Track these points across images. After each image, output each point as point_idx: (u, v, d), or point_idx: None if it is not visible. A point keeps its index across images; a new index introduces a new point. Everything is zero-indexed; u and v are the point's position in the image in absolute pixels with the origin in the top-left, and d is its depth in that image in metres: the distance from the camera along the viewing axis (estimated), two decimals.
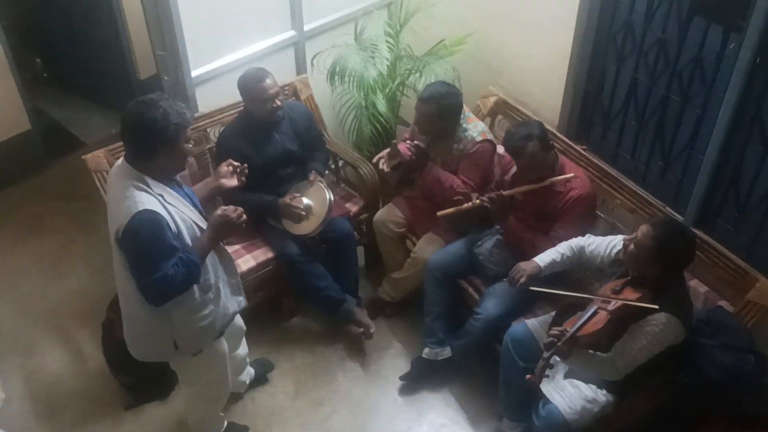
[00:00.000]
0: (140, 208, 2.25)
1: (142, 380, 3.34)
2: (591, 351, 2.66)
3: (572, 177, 3.04)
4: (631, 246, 2.62)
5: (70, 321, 3.77)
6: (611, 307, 2.60)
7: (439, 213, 3.19)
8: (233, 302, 2.69)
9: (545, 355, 2.58)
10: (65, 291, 3.94)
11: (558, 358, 2.62)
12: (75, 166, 3.39)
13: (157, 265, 2.26)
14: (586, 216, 3.13)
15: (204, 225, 2.47)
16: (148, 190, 2.30)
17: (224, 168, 2.71)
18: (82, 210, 4.32)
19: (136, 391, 3.38)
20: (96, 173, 3.31)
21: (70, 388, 3.46)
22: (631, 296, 2.62)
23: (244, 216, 2.46)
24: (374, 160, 3.46)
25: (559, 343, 2.54)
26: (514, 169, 3.21)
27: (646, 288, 2.62)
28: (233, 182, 2.71)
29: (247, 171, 2.75)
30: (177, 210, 2.36)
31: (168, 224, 2.29)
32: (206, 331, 2.58)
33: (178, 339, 2.54)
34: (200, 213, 2.53)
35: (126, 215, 2.25)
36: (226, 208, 2.43)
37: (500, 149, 3.63)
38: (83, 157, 3.31)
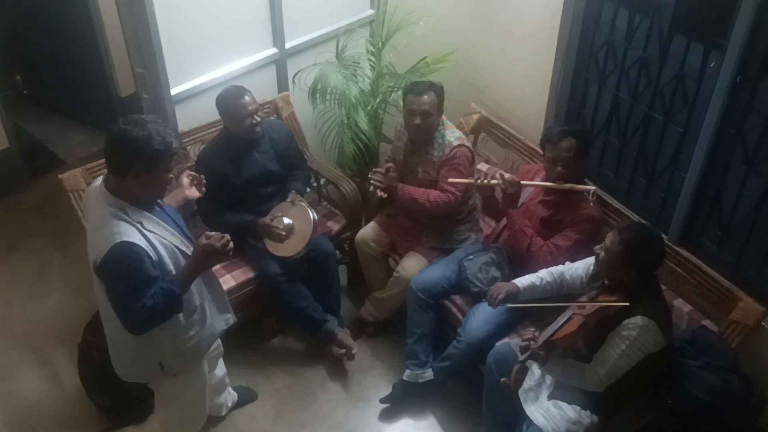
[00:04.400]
0: (117, 240, 2.20)
1: (118, 403, 3.28)
2: (571, 360, 2.66)
3: (593, 189, 3.01)
4: (602, 254, 2.63)
5: (47, 342, 3.70)
6: (587, 311, 2.59)
7: (450, 179, 3.20)
8: (220, 320, 2.66)
9: (520, 358, 2.60)
10: (43, 311, 3.88)
11: (534, 363, 2.64)
12: (54, 185, 3.35)
13: (136, 296, 2.22)
14: (588, 236, 3.07)
15: (187, 249, 2.40)
16: (126, 218, 2.25)
17: (184, 179, 2.71)
18: (61, 229, 4.27)
19: (113, 415, 3.32)
20: (72, 193, 3.27)
21: (46, 412, 3.39)
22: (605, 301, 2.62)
23: (231, 244, 2.38)
24: (370, 188, 3.41)
25: (534, 346, 2.55)
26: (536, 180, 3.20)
27: (621, 294, 2.61)
28: (195, 193, 2.71)
29: (204, 181, 2.74)
30: (157, 236, 2.30)
31: (147, 254, 2.24)
32: (192, 351, 2.56)
33: (164, 360, 2.50)
34: (184, 234, 2.48)
35: (104, 246, 2.21)
36: (211, 235, 2.34)
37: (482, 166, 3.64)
38: (59, 176, 3.28)
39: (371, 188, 3.41)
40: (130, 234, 2.22)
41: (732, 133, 2.88)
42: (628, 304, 2.53)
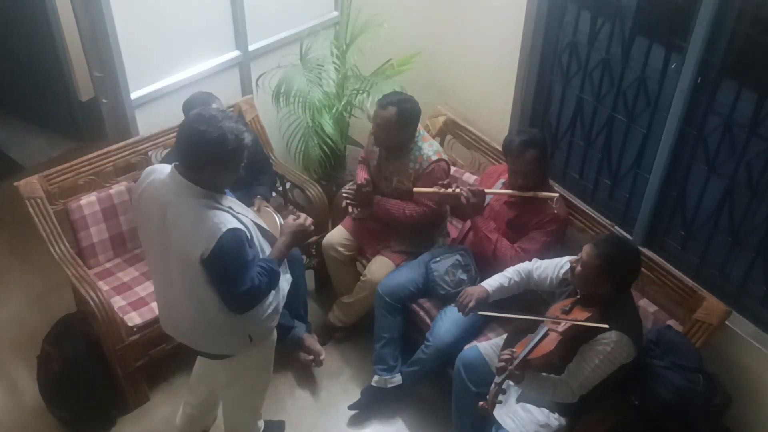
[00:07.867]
0: (224, 229, 2.28)
1: (79, 416, 3.21)
2: (544, 374, 2.64)
3: (557, 196, 3.03)
4: (578, 267, 2.61)
5: (4, 353, 3.60)
6: (561, 328, 2.58)
7: (415, 189, 3.19)
8: (284, 281, 2.70)
9: (497, 380, 2.55)
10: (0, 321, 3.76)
11: (511, 383, 2.58)
12: (11, 191, 3.27)
13: (245, 278, 2.33)
14: (555, 237, 3.09)
15: (262, 223, 2.53)
16: (220, 206, 2.33)
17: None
18: (18, 236, 4.14)
19: (74, 428, 3.24)
20: (30, 200, 3.21)
21: (4, 425, 3.29)
22: (580, 316, 2.60)
23: (313, 227, 2.57)
24: (343, 204, 3.43)
25: (510, 367, 2.51)
26: (499, 182, 3.20)
27: (596, 306, 2.61)
28: None
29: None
30: (246, 217, 2.42)
31: (246, 236, 2.35)
32: (273, 316, 2.63)
33: (252, 332, 2.58)
34: None
35: (211, 237, 2.27)
36: (299, 215, 2.55)
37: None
38: (15, 184, 3.20)
39: (345, 205, 3.43)
40: (230, 221, 2.31)
41: (693, 135, 2.91)
42: (607, 327, 2.52)
